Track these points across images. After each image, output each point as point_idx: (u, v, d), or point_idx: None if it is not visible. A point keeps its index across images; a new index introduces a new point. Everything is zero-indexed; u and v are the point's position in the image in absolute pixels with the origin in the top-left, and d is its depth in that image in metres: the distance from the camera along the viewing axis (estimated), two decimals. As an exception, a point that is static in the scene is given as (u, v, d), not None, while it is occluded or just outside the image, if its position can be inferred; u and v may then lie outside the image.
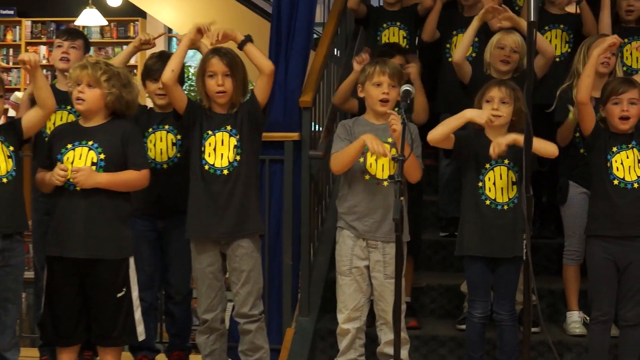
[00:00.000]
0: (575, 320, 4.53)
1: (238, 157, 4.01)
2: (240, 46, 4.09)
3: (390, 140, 4.03)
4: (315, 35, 5.52)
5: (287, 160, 4.63)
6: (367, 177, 4.02)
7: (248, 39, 4.08)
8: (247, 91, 4.13)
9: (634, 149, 4.13)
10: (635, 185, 4.11)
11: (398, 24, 5.50)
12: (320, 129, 5.00)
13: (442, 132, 4.06)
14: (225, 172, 4.00)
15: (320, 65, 4.89)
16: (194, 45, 4.20)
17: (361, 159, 4.01)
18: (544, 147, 3.99)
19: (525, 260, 3.25)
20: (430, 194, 5.42)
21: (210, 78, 4.02)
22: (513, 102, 4.04)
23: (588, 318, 4.31)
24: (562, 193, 4.55)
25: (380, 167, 4.03)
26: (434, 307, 4.84)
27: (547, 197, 5.13)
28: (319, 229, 4.98)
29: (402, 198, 3.35)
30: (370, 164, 4.02)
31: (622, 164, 4.12)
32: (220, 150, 4.03)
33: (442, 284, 4.86)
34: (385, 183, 3.97)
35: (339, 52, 5.71)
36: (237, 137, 4.04)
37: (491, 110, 4.02)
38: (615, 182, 4.11)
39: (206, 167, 4.00)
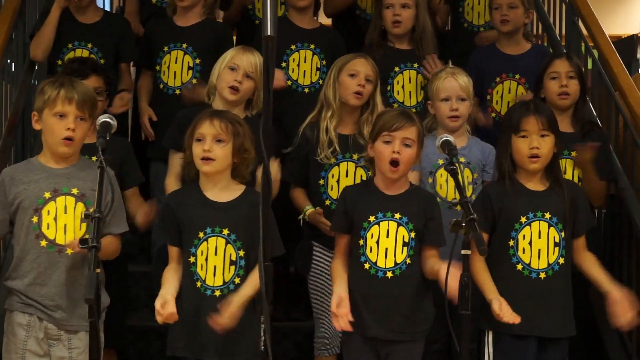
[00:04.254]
0: None
1: None
2: None
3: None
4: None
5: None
6: (43, 242, 4.00)
7: None
8: None
9: (396, 223, 3.97)
10: (389, 274, 3.95)
11: (90, 45, 5.45)
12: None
13: None
14: None
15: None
16: None
17: (34, 218, 3.96)
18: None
19: (264, 352, 3.36)
20: (141, 264, 5.56)
21: None
22: (232, 140, 4.05)
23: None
24: (304, 258, 4.61)
25: (62, 228, 4.01)
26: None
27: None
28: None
29: (98, 270, 3.40)
30: (48, 224, 3.98)
31: (377, 242, 3.98)
32: None
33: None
34: (69, 251, 3.96)
35: (14, 65, 5.68)
36: None
37: (203, 152, 4.03)
38: (367, 265, 3.97)
39: None
